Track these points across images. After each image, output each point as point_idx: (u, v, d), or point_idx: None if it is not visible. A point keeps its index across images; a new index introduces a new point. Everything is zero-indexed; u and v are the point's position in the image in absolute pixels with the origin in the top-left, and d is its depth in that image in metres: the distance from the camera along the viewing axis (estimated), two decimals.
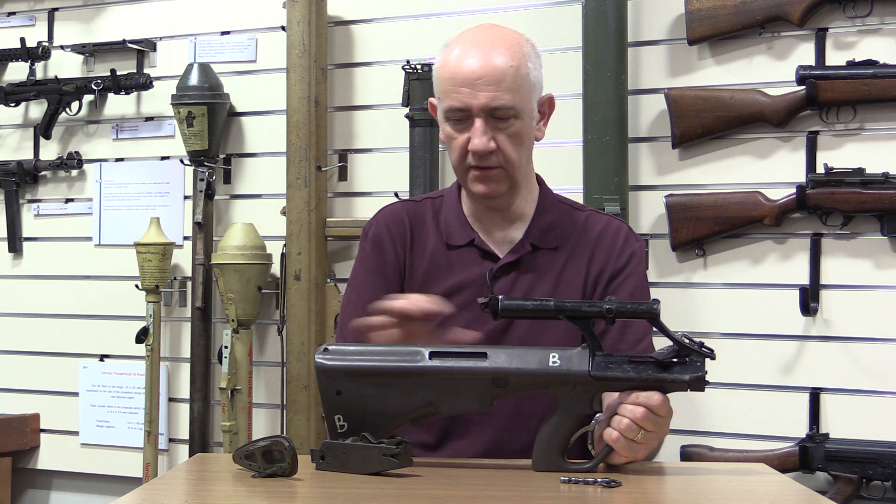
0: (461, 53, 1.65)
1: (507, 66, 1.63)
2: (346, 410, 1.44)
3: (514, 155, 1.66)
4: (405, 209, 1.80)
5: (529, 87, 1.66)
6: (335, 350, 1.45)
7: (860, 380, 2.53)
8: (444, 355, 1.43)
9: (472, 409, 1.45)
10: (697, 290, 2.65)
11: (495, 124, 1.64)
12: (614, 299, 1.40)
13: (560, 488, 1.33)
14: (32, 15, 3.39)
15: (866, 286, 2.53)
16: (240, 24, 3.14)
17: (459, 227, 1.75)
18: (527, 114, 1.66)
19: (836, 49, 2.56)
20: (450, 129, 1.68)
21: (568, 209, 1.79)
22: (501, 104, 1.62)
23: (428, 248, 1.75)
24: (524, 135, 1.67)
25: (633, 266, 1.74)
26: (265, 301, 3.02)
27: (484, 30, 1.71)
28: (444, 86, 1.66)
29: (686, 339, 1.38)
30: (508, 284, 1.71)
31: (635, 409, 1.36)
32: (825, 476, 2.48)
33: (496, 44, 1.65)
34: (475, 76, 1.62)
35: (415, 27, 2.93)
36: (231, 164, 3.12)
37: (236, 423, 2.94)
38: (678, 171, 2.70)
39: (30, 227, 3.37)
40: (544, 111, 1.74)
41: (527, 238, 1.73)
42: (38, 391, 3.33)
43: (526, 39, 1.71)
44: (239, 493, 1.36)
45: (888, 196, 2.45)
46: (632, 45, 2.69)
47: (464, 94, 1.63)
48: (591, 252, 1.73)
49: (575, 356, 1.40)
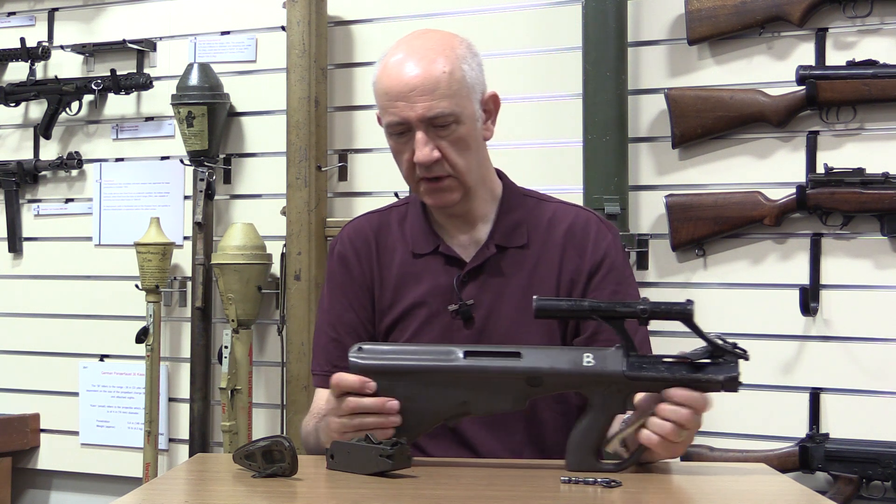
0: (393, 66, 1.62)
1: (440, 72, 1.59)
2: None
3: (460, 161, 1.63)
4: (369, 223, 1.78)
5: (467, 89, 1.62)
6: (369, 349, 1.45)
7: (860, 380, 2.53)
8: (478, 354, 1.43)
9: (506, 409, 1.44)
10: (697, 290, 2.65)
11: (437, 133, 1.61)
12: (648, 299, 1.40)
13: (560, 488, 1.33)
14: (32, 15, 3.39)
15: (866, 286, 2.53)
16: (240, 24, 3.14)
17: (424, 234, 1.72)
18: (468, 117, 1.62)
19: (836, 49, 2.56)
20: (394, 144, 1.66)
21: (535, 202, 1.76)
22: (439, 112, 1.59)
23: (395, 259, 1.73)
24: (469, 138, 1.63)
25: (612, 258, 1.70)
26: (265, 301, 3.02)
27: (416, 37, 1.67)
28: (381, 101, 1.64)
29: (719, 339, 1.38)
30: (477, 289, 1.68)
31: (679, 410, 1.35)
32: (825, 476, 2.48)
33: (427, 51, 1.62)
34: (408, 88, 1.59)
35: (415, 27, 2.91)
36: (231, 164, 3.12)
37: (236, 423, 2.94)
38: (678, 171, 2.70)
39: (30, 227, 3.37)
40: (490, 109, 1.69)
41: (491, 239, 1.70)
42: (38, 391, 3.33)
43: (460, 41, 1.67)
44: (239, 493, 1.36)
45: (888, 196, 2.45)
46: (632, 45, 2.69)
47: (400, 107, 1.60)
48: (563, 248, 1.69)
49: (609, 356, 1.40)
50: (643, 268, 2.71)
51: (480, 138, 1.67)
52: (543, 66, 2.82)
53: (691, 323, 1.38)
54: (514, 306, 1.67)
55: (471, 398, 1.43)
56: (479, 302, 1.67)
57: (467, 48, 1.67)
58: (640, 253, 2.70)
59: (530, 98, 2.83)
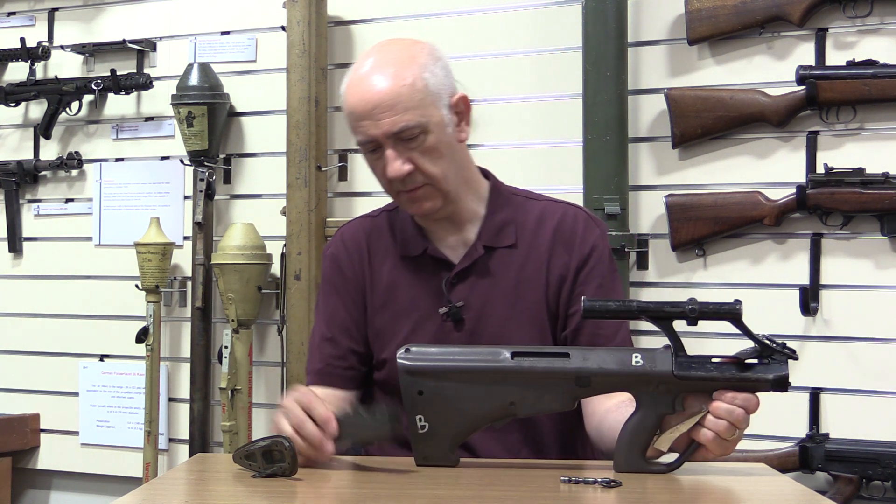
0: (354, 85, 1.62)
1: (400, 85, 1.58)
2: (427, 411, 1.43)
3: (434, 169, 1.62)
4: (362, 226, 1.79)
5: (432, 97, 1.60)
6: (417, 350, 1.45)
7: (860, 380, 2.53)
8: (526, 355, 1.42)
9: (553, 410, 1.44)
10: (697, 290, 2.65)
11: (406, 146, 1.59)
12: (695, 299, 1.39)
13: (560, 488, 1.33)
14: (32, 15, 3.39)
15: (866, 286, 2.54)
16: (240, 24, 3.14)
17: (413, 237, 1.72)
18: (436, 125, 1.61)
19: (836, 49, 2.56)
20: (369, 160, 1.66)
21: (522, 201, 1.75)
22: (403, 126, 1.58)
23: (387, 262, 1.73)
24: (441, 146, 1.61)
25: (599, 253, 1.70)
26: (265, 301, 3.02)
27: (376, 52, 1.65)
28: (349, 121, 1.64)
29: (767, 339, 1.38)
30: (466, 290, 1.68)
31: (734, 409, 1.36)
32: (825, 476, 2.48)
33: (386, 65, 1.60)
34: (370, 105, 1.58)
35: (415, 27, 2.93)
36: (231, 164, 3.12)
37: (236, 423, 2.94)
38: (678, 171, 2.70)
39: (30, 227, 3.37)
40: (461, 111, 1.67)
41: (479, 240, 1.70)
42: (38, 391, 3.33)
43: (422, 48, 1.65)
44: (239, 493, 1.36)
45: (888, 196, 2.45)
46: (632, 45, 2.69)
47: (366, 125, 1.59)
48: (551, 245, 1.69)
49: (658, 356, 1.39)
50: (643, 268, 2.71)
51: (454, 142, 1.65)
52: (543, 66, 2.82)
53: (740, 323, 1.38)
54: (504, 306, 1.67)
55: (518, 399, 1.42)
56: (469, 303, 1.67)
57: (429, 54, 1.64)
58: (640, 253, 2.70)
59: (530, 98, 2.83)
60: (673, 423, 1.40)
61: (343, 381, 1.73)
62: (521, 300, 1.68)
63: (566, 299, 1.69)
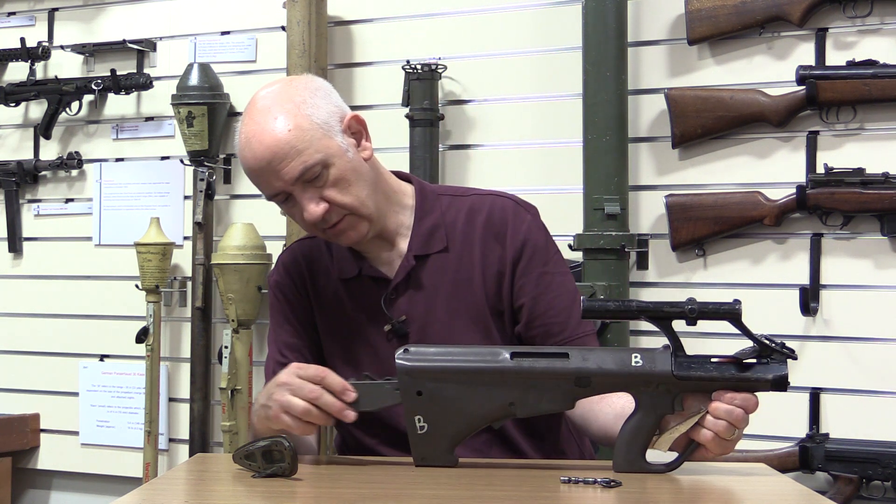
0: (245, 147, 1.60)
1: (286, 131, 1.56)
2: (426, 411, 1.43)
3: (348, 199, 1.59)
4: (300, 250, 1.77)
5: (320, 132, 1.57)
6: (416, 351, 1.45)
7: (860, 380, 2.53)
8: (525, 355, 1.42)
9: (553, 410, 1.44)
10: (697, 290, 2.65)
11: (313, 184, 1.57)
12: (695, 299, 1.39)
13: (560, 488, 1.33)
14: (32, 15, 3.39)
15: (866, 286, 2.54)
16: (240, 24, 3.14)
17: (347, 259, 1.70)
18: (335, 155, 1.58)
19: (836, 49, 2.56)
20: (286, 210, 1.64)
21: (449, 200, 1.72)
22: (302, 168, 1.55)
23: (327, 285, 1.72)
24: (347, 173, 1.59)
25: (533, 241, 1.67)
26: (265, 301, 3.01)
27: (253, 107, 1.62)
28: (253, 181, 1.63)
29: (766, 339, 1.38)
30: (406, 304, 1.67)
31: (734, 410, 1.36)
32: (825, 476, 2.48)
33: (266, 117, 1.57)
34: (265, 162, 1.56)
35: (415, 27, 2.93)
36: (231, 164, 3.12)
37: (236, 423, 2.94)
38: (678, 171, 2.70)
39: (30, 227, 3.37)
40: (356, 131, 1.64)
41: (409, 251, 1.68)
42: (38, 391, 3.33)
43: (295, 85, 1.62)
44: (239, 493, 1.36)
45: (888, 196, 2.45)
46: (632, 45, 2.69)
47: (268, 180, 1.58)
48: (483, 241, 1.67)
49: (657, 356, 1.39)
50: (643, 268, 2.71)
51: (360, 164, 1.62)
52: (543, 66, 2.82)
53: (739, 323, 1.38)
54: (445, 312, 1.66)
55: (518, 399, 1.42)
56: (412, 316, 1.66)
57: (305, 88, 1.61)
58: (640, 253, 2.70)
59: (530, 98, 2.83)
60: (672, 422, 1.40)
61: None
62: (461, 303, 1.66)
63: (508, 294, 1.66)
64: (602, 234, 2.58)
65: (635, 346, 2.60)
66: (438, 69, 2.82)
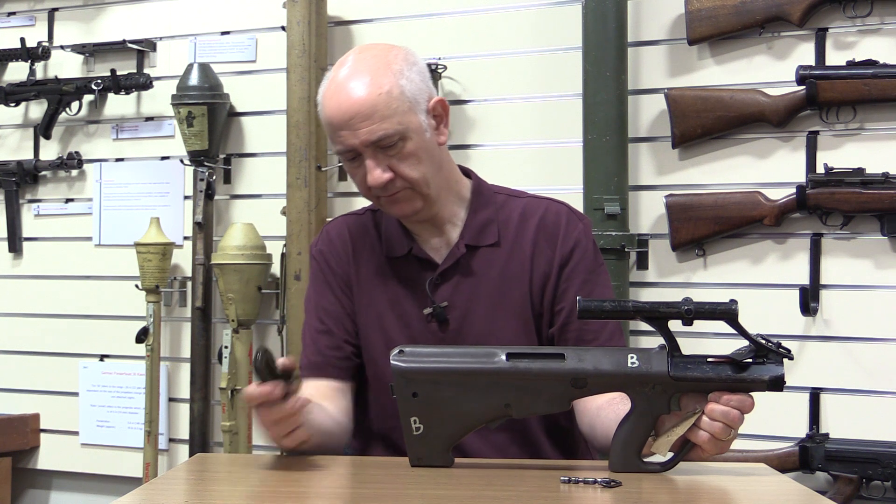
0: (331, 95, 1.61)
1: (377, 94, 1.57)
2: (421, 413, 1.43)
3: (414, 174, 1.61)
4: (346, 224, 1.79)
5: (408, 104, 1.59)
6: (411, 352, 1.44)
7: (860, 380, 2.53)
8: (521, 356, 1.42)
9: (549, 411, 1.44)
10: (697, 290, 2.65)
11: (385, 153, 1.59)
12: (691, 299, 1.39)
13: (560, 488, 1.33)
14: (32, 15, 3.39)
15: (866, 286, 2.54)
16: (240, 24, 3.14)
17: (398, 237, 1.72)
18: (414, 131, 1.60)
19: (836, 49, 2.56)
20: (348, 167, 1.66)
21: (505, 199, 1.75)
22: (381, 135, 1.57)
23: (371, 260, 1.74)
24: (420, 151, 1.61)
25: (582, 248, 1.70)
26: (265, 301, 3.02)
27: (351, 59, 1.64)
28: (327, 131, 1.64)
29: (762, 339, 1.38)
30: (450, 290, 1.68)
31: (730, 411, 1.36)
32: (825, 476, 2.48)
33: (361, 74, 1.59)
34: (348, 116, 1.57)
35: (415, 27, 2.93)
36: (231, 164, 3.12)
37: (236, 423, 2.94)
38: (678, 171, 2.70)
39: (30, 227, 3.38)
40: (439, 115, 1.67)
41: (461, 240, 1.70)
42: (38, 391, 3.33)
43: (397, 53, 1.63)
44: (239, 493, 1.36)
45: (888, 196, 2.45)
46: (632, 45, 2.69)
47: (344, 136, 1.59)
48: (534, 242, 1.70)
49: (653, 357, 1.39)
50: (643, 268, 2.71)
51: (433, 146, 1.65)
52: (543, 66, 2.82)
53: (736, 323, 1.37)
54: (488, 305, 1.67)
55: (514, 400, 1.42)
56: (454, 303, 1.68)
57: (404, 60, 1.63)
58: (640, 253, 2.70)
59: (530, 98, 2.83)
60: (668, 422, 1.40)
61: (340, 372, 1.72)
62: (506, 298, 1.68)
63: (551, 296, 1.69)
64: (602, 234, 2.58)
65: (635, 347, 2.60)
66: (438, 69, 2.82)
